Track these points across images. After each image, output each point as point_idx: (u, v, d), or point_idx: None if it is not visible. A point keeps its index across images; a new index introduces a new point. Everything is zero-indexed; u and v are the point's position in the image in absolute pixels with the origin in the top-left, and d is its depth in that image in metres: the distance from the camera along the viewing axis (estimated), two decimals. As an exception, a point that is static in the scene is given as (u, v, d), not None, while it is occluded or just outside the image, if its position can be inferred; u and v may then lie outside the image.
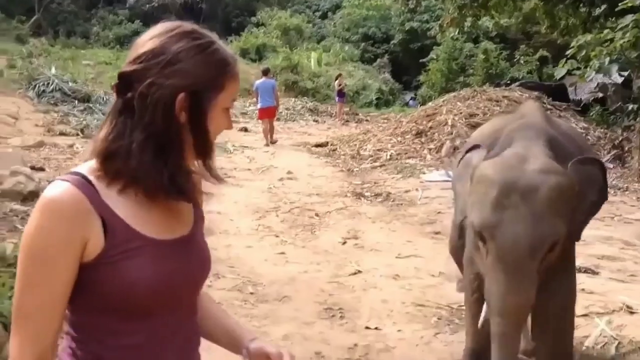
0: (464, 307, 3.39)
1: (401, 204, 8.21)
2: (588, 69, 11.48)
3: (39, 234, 1.12)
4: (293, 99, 21.13)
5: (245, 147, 12.67)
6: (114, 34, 32.48)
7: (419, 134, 12.19)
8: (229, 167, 10.24)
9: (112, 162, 1.17)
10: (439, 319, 4.39)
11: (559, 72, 12.81)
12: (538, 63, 21.97)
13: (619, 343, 3.77)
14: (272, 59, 25.77)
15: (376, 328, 4.20)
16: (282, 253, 5.89)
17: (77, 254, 1.13)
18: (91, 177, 1.17)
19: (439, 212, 7.70)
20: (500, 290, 2.51)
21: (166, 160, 1.17)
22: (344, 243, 6.33)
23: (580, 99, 14.54)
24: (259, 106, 13.54)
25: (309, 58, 26.75)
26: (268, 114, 13.42)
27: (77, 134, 12.32)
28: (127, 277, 1.15)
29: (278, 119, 14.36)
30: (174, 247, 1.24)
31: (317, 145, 13.23)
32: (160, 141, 1.16)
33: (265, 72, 14.00)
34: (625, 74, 13.85)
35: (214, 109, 1.21)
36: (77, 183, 1.15)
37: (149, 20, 34.80)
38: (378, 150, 11.86)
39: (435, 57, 24.73)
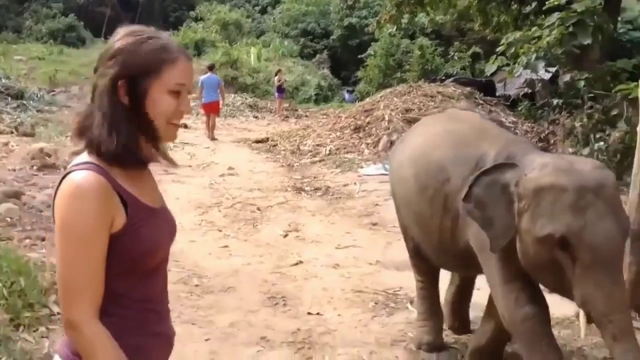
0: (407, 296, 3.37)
1: (340, 197, 8.49)
2: (516, 65, 12.03)
3: (79, 216, 1.36)
4: (233, 95, 21.12)
5: (185, 143, 12.66)
6: (47, 28, 31.62)
7: (357, 129, 12.49)
8: (170, 163, 10.27)
9: (94, 144, 1.43)
10: (375, 303, 4.66)
11: (490, 68, 13.35)
12: (471, 59, 22.68)
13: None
14: (211, 54, 25.67)
15: (317, 313, 4.44)
16: (226, 246, 6.06)
17: (109, 227, 1.39)
18: (98, 163, 1.42)
19: (376, 205, 8.01)
20: (606, 289, 2.41)
21: (118, 133, 1.41)
22: (286, 236, 6.54)
23: (510, 94, 15.15)
24: (203, 101, 13.66)
25: (249, 53, 26.76)
26: (212, 108, 13.62)
27: (12, 132, 12.03)
28: (147, 240, 1.45)
29: (217, 115, 14.44)
30: (160, 214, 1.55)
31: (258, 141, 13.38)
32: (110, 120, 1.42)
33: (211, 68, 14.36)
34: (553, 70, 14.52)
35: (153, 92, 1.43)
36: (95, 169, 1.39)
37: (84, 14, 34.17)
38: (317, 145, 12.10)
39: (373, 53, 25.16)
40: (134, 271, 1.46)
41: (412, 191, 3.38)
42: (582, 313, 2.51)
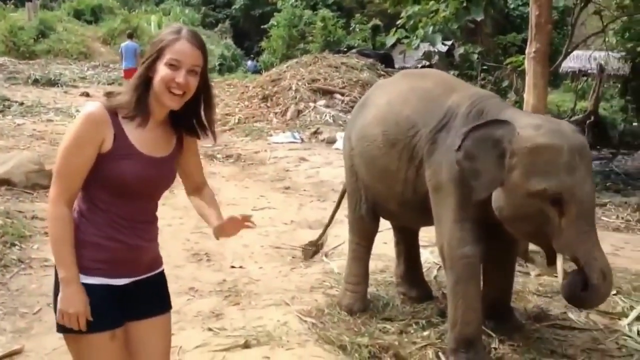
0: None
1: (252, 164, 8.78)
2: (415, 38, 12.62)
3: (78, 131, 1.86)
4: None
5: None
6: None
7: (265, 98, 12.74)
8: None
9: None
10: (293, 257, 5.03)
11: (390, 40, 13.85)
12: (371, 31, 23.30)
13: (439, 267, 4.60)
14: (109, 21, 24.94)
15: (240, 267, 4.76)
16: (145, 210, 6.21)
17: (97, 145, 1.87)
18: (114, 106, 1.92)
19: (287, 170, 8.39)
20: (588, 235, 2.77)
21: (135, 91, 1.91)
22: (202, 199, 6.75)
23: (409, 66, 15.83)
24: (122, 67, 14.43)
25: (149, 21, 26.13)
26: (130, 74, 13.55)
27: None
28: (120, 168, 1.89)
29: (120, 84, 14.33)
30: (155, 161, 1.97)
31: (164, 110, 13.36)
32: (135, 83, 1.93)
33: (130, 36, 15.33)
34: (449, 43, 15.28)
35: (158, 66, 1.89)
36: (105, 105, 1.90)
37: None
38: (226, 114, 12.26)
39: (275, 24, 25.26)
40: (108, 188, 1.90)
41: (380, 148, 3.46)
42: (559, 258, 2.87)
